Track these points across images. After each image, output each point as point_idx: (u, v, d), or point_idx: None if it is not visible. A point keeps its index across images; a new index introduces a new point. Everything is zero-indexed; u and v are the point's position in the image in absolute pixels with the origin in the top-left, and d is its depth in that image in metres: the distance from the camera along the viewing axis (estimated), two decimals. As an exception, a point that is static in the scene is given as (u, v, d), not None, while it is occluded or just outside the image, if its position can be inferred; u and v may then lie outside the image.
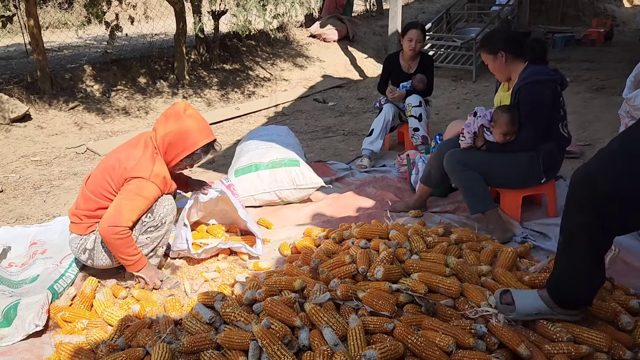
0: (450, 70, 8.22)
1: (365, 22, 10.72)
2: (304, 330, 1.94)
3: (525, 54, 2.95)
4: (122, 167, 2.49)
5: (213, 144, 2.65)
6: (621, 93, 3.63)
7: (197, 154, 2.60)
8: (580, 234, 1.79)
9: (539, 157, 2.93)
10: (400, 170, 4.15)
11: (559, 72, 2.93)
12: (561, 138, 2.95)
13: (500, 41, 2.97)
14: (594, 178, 1.69)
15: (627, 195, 1.62)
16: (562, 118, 2.94)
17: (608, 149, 1.69)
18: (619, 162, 1.64)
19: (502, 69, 3.00)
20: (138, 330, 2.15)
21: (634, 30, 12.19)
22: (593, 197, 1.69)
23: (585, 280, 1.87)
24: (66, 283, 2.65)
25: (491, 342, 1.85)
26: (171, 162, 2.60)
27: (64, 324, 2.37)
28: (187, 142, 2.54)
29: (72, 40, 8.56)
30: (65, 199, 4.04)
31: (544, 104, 2.83)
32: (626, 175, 1.61)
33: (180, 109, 2.56)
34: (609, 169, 1.66)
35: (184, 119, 2.53)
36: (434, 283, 2.15)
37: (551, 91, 2.85)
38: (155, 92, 6.89)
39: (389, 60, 4.71)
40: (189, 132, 2.53)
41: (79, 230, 2.59)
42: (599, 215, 1.69)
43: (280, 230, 3.34)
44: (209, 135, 2.61)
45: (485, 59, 3.06)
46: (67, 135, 5.60)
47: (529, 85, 2.84)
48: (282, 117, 6.47)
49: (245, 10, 5.82)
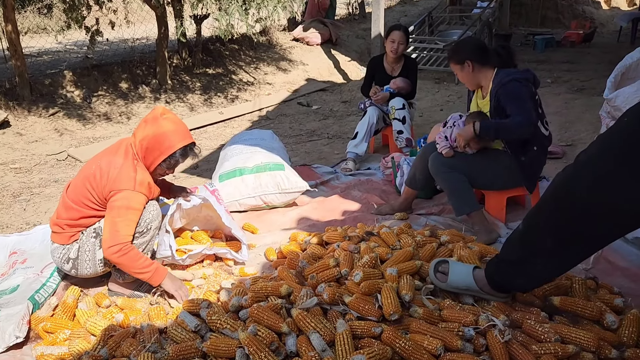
0: (433, 72, 8.28)
1: (348, 26, 10.75)
2: (291, 336, 1.92)
3: (491, 60, 3.01)
4: (104, 176, 2.43)
5: (191, 147, 2.58)
6: (601, 94, 3.69)
7: (174, 157, 2.52)
8: (545, 230, 1.79)
9: (520, 159, 2.96)
10: (385, 173, 4.16)
11: (530, 71, 2.98)
12: (543, 138, 2.97)
13: (465, 51, 3.04)
14: (573, 181, 1.69)
15: (601, 201, 1.61)
16: (540, 116, 2.97)
17: (588, 154, 1.70)
18: (597, 167, 1.62)
19: (470, 77, 3.07)
20: (122, 339, 2.10)
21: (612, 32, 12.40)
22: (569, 200, 1.68)
23: (535, 274, 1.90)
24: (47, 293, 2.59)
25: (479, 344, 1.85)
26: (150, 167, 2.54)
27: (46, 335, 2.31)
28: (163, 145, 2.48)
29: (51, 45, 8.43)
30: (46, 206, 3.97)
31: (527, 95, 2.85)
32: (603, 179, 1.60)
33: (157, 113, 2.52)
34: (587, 173, 1.65)
35: (160, 122, 2.48)
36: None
37: (528, 89, 2.88)
38: (137, 97, 6.82)
39: (372, 62, 4.72)
40: (165, 135, 2.47)
41: (61, 240, 2.54)
42: (570, 218, 1.69)
43: (266, 235, 3.31)
44: (185, 137, 2.54)
45: (454, 69, 3.15)
46: (47, 141, 5.51)
47: (507, 84, 2.88)
48: (266, 121, 6.44)
49: (228, 14, 5.78)
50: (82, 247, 2.52)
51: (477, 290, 2.08)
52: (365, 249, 2.48)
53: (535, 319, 1.96)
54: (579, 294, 2.16)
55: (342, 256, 2.40)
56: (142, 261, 2.45)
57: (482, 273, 2.07)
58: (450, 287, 2.13)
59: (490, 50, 3.04)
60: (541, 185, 3.41)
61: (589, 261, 2.62)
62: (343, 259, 2.36)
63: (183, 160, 2.59)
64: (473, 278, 2.09)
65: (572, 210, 1.68)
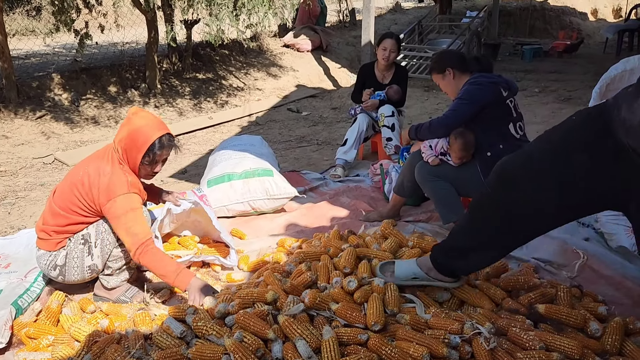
0: (423, 80, 8.34)
1: (339, 33, 10.80)
2: (277, 343, 1.91)
3: (471, 67, 3.12)
4: (94, 185, 2.39)
5: (168, 138, 2.51)
6: (587, 104, 3.72)
7: (153, 151, 2.46)
8: (490, 214, 1.91)
9: (486, 155, 2.99)
10: (374, 180, 4.17)
11: (502, 77, 3.07)
12: (511, 137, 2.99)
13: (446, 60, 3.16)
14: (507, 164, 1.85)
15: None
16: (514, 119, 3.01)
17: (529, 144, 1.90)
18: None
19: (451, 84, 3.15)
20: (106, 345, 2.08)
21: (598, 43, 12.58)
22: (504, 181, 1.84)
23: (478, 257, 2.02)
24: (31, 298, 2.56)
25: (464, 351, 1.85)
26: (134, 168, 2.50)
27: (29, 340, 2.28)
28: (139, 141, 2.43)
29: (39, 48, 8.38)
30: (31, 210, 3.93)
31: (473, 101, 2.95)
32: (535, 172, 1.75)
33: (129, 113, 2.49)
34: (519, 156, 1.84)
35: (132, 120, 2.46)
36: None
37: (491, 92, 2.94)
38: (126, 101, 6.78)
39: (363, 69, 4.75)
40: (138, 131, 2.43)
41: (48, 247, 2.49)
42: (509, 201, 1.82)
43: (254, 241, 3.30)
44: (160, 128, 2.48)
45: (436, 79, 3.23)
46: (33, 145, 5.46)
47: (465, 85, 3.02)
48: (255, 127, 6.44)
49: (218, 19, 5.79)
50: (69, 253, 2.49)
51: (424, 276, 2.15)
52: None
53: (520, 327, 1.97)
54: (564, 302, 2.18)
55: (318, 266, 2.43)
56: (167, 261, 2.44)
57: (426, 259, 2.16)
58: (400, 280, 2.20)
59: (468, 58, 3.20)
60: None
61: (574, 269, 2.65)
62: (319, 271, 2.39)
63: (164, 154, 2.52)
64: (417, 265, 2.18)
65: (505, 196, 1.83)
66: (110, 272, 2.57)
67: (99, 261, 2.52)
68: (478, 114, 2.96)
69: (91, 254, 2.49)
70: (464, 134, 2.98)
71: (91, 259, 2.49)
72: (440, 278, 2.14)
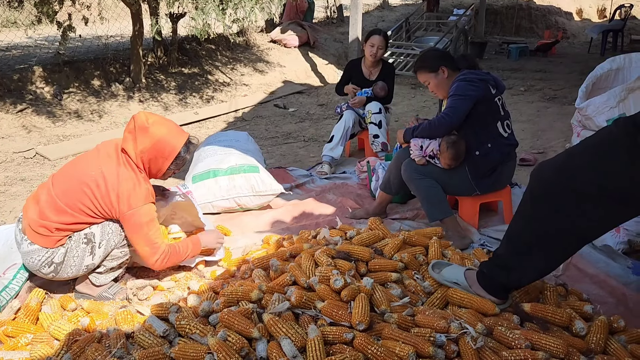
0: (410, 78, 8.34)
1: (326, 29, 10.76)
2: (261, 342, 1.89)
3: (460, 65, 3.11)
4: (113, 188, 2.36)
5: (190, 141, 2.62)
6: (572, 103, 3.76)
7: (180, 157, 2.56)
8: (524, 225, 1.93)
9: (475, 154, 3.00)
10: (361, 177, 4.15)
11: (490, 74, 3.06)
12: (498, 137, 3.01)
13: (437, 58, 3.13)
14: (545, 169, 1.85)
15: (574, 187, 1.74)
16: (501, 117, 3.01)
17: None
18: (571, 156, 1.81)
19: (444, 83, 3.11)
20: (87, 344, 2.04)
21: (583, 43, 12.71)
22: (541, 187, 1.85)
23: (519, 270, 2.01)
24: (10, 295, 2.50)
25: (450, 350, 1.84)
26: (157, 174, 2.57)
27: (7, 339, 2.23)
28: (165, 151, 2.48)
29: (21, 40, 8.20)
30: (11, 205, 3.84)
31: (467, 96, 2.92)
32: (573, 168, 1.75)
33: (143, 122, 2.45)
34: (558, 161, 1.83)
35: (152, 131, 2.44)
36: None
37: (481, 88, 2.93)
38: (110, 95, 6.68)
39: (350, 65, 4.74)
40: (163, 141, 2.46)
41: (46, 243, 2.39)
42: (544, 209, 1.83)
43: (239, 238, 3.27)
44: (181, 134, 2.56)
45: (426, 78, 3.16)
46: (14, 138, 5.35)
47: (455, 82, 3.00)
48: (241, 123, 6.38)
49: (204, 13, 5.71)
50: (69, 252, 2.43)
51: (465, 285, 2.19)
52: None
53: (506, 326, 1.96)
54: (550, 301, 2.18)
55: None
56: (184, 250, 2.61)
57: (473, 273, 2.19)
58: (443, 278, 2.29)
59: (456, 56, 3.22)
60: (513, 192, 3.45)
61: (559, 268, 2.66)
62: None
63: (189, 155, 2.64)
64: (463, 274, 2.22)
65: (545, 200, 1.83)
66: (103, 270, 2.55)
67: (99, 261, 2.49)
68: (470, 111, 2.94)
69: (93, 254, 2.45)
70: (456, 144, 2.96)
71: (92, 258, 2.46)
72: (483, 295, 2.14)
